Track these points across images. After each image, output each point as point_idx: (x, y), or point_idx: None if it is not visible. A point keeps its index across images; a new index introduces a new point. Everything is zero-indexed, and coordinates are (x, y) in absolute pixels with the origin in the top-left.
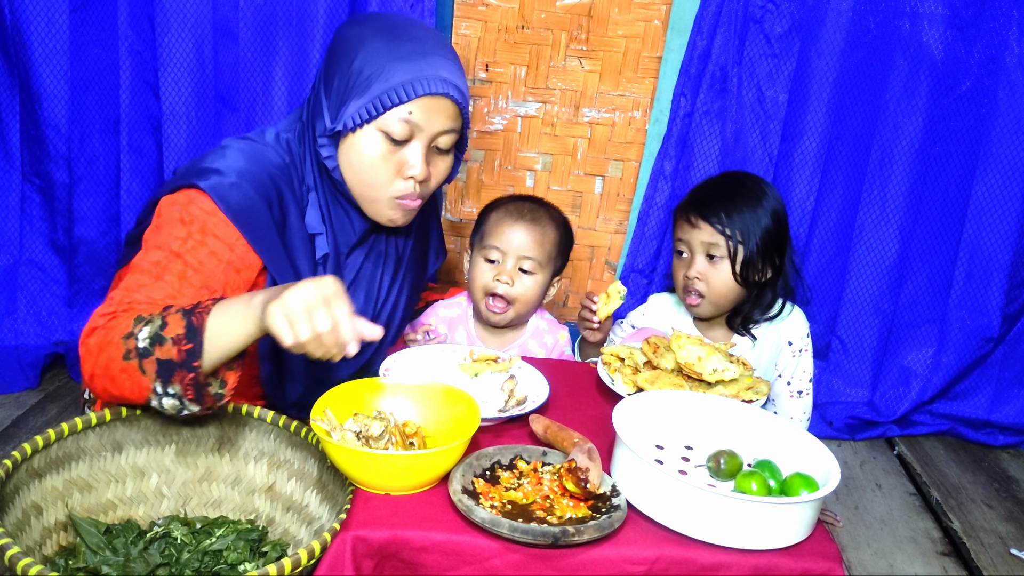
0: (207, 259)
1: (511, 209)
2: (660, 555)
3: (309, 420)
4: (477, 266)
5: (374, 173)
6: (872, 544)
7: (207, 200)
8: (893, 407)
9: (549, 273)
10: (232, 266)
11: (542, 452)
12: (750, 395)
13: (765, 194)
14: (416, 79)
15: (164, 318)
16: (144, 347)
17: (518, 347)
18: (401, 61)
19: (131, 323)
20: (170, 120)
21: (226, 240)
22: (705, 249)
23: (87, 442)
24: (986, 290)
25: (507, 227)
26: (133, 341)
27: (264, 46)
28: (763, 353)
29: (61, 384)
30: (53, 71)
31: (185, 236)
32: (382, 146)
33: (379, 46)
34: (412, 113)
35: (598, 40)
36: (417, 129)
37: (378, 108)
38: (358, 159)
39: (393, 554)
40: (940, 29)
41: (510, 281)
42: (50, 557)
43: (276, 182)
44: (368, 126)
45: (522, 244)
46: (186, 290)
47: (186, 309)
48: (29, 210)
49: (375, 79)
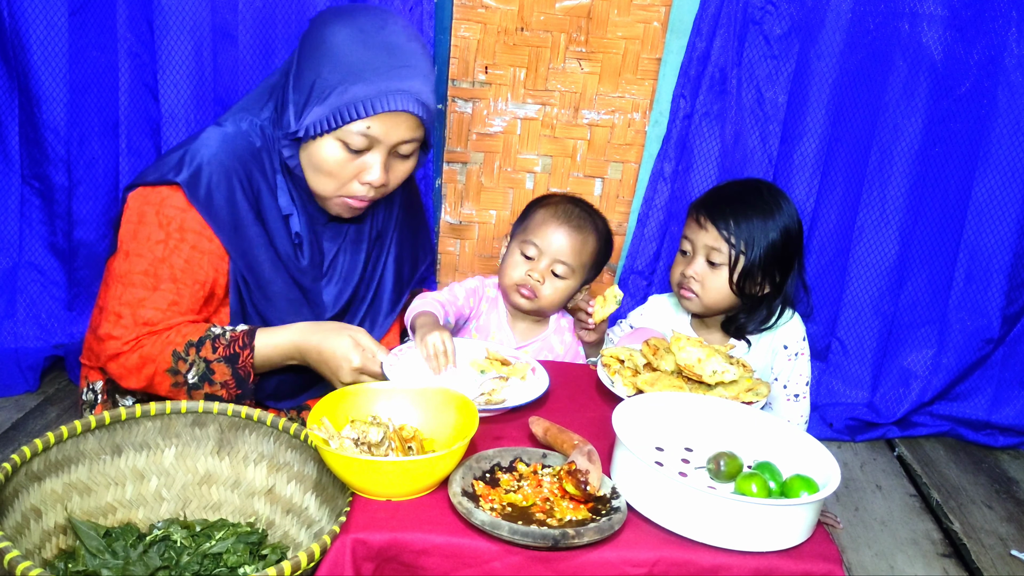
0: (191, 256)
1: (560, 211)
2: (660, 557)
3: (288, 414)
4: (512, 256)
5: (332, 177)
6: (872, 545)
7: (180, 196)
8: (893, 408)
9: (580, 280)
10: (214, 255)
11: (542, 454)
12: (750, 397)
13: (780, 209)
14: (376, 95)
15: (209, 364)
16: (194, 383)
17: (541, 341)
18: (365, 73)
19: (170, 359)
20: (169, 123)
21: (204, 233)
22: (707, 252)
23: (86, 445)
24: (986, 291)
25: (551, 227)
26: (182, 379)
27: (263, 49)
28: (758, 357)
29: (60, 387)
30: (52, 74)
31: (165, 238)
32: (341, 154)
33: (347, 54)
34: (371, 128)
35: (597, 42)
36: (376, 141)
37: (336, 121)
38: (318, 162)
39: (393, 557)
40: (939, 30)
41: (541, 279)
42: (49, 560)
43: (247, 166)
44: (327, 136)
45: (561, 247)
46: (184, 291)
47: (226, 356)
48: (28, 213)
49: (335, 91)
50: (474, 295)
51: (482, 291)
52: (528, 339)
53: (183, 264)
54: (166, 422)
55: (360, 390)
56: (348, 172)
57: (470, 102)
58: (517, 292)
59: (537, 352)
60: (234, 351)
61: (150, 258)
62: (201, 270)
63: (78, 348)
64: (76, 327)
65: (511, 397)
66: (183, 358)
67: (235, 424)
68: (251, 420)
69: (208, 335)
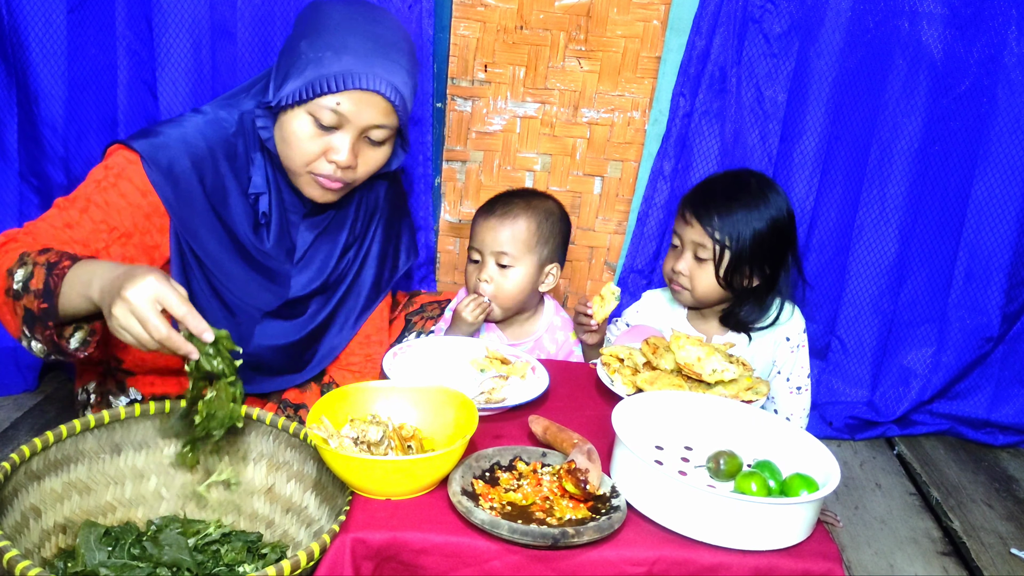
0: (116, 200)
1: (484, 208)
2: (660, 556)
3: None
4: (468, 267)
5: (300, 150)
6: (872, 544)
7: (133, 154)
8: (893, 407)
9: (534, 262)
10: (142, 211)
11: (541, 453)
12: (749, 395)
13: (767, 200)
14: (349, 72)
15: (34, 267)
16: (17, 290)
17: (533, 341)
18: (342, 52)
19: (16, 258)
20: None
21: (141, 188)
22: (693, 248)
23: (86, 444)
24: (986, 289)
25: (480, 227)
26: (11, 280)
27: (262, 46)
28: (761, 350)
29: (59, 386)
30: (50, 71)
31: (101, 179)
32: (310, 128)
33: (329, 33)
34: (340, 104)
35: (597, 40)
36: (345, 120)
37: (308, 93)
38: (287, 134)
39: (392, 556)
40: (939, 28)
41: (490, 280)
42: (49, 559)
43: (214, 153)
44: (299, 107)
45: (494, 240)
46: (85, 223)
47: (52, 262)
48: (27, 211)
49: (312, 64)
50: None
51: None
52: (520, 339)
53: (102, 202)
54: (165, 421)
55: (360, 389)
56: (316, 148)
57: (469, 100)
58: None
59: (529, 352)
60: (57, 260)
61: (79, 192)
62: (118, 215)
63: None
64: None
65: (511, 396)
66: (24, 262)
67: None
68: (250, 419)
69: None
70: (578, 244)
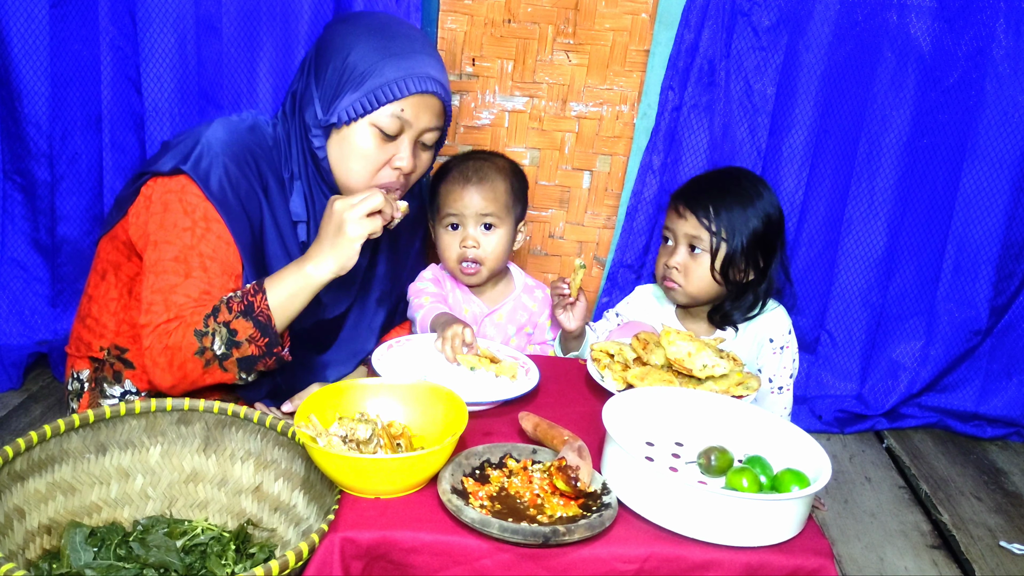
0: (217, 245)
1: (456, 175)
2: (651, 553)
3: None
4: (442, 238)
5: (363, 164)
6: (862, 537)
7: (195, 187)
8: (882, 400)
9: (512, 222)
10: (234, 245)
11: (532, 450)
12: (740, 391)
13: (760, 195)
14: (408, 76)
15: (228, 325)
16: (222, 353)
17: (512, 301)
18: (393, 58)
19: (194, 339)
20: (153, 117)
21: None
22: (688, 240)
23: (70, 444)
24: (974, 282)
25: (458, 193)
26: (210, 353)
27: (248, 42)
28: (743, 349)
29: (44, 384)
30: (33, 67)
31: (191, 226)
32: (373, 140)
33: (372, 43)
34: (404, 110)
35: (585, 34)
36: (407, 125)
37: (372, 103)
38: (349, 150)
39: (382, 555)
40: (927, 21)
41: (476, 243)
42: (33, 561)
43: (257, 159)
44: (361, 120)
45: (477, 205)
46: (214, 280)
47: (242, 310)
48: (11, 209)
49: (369, 75)
50: (437, 283)
51: (441, 275)
52: (498, 303)
53: (211, 252)
54: (151, 420)
55: (348, 387)
56: (380, 158)
57: (457, 95)
58: (460, 270)
59: (511, 313)
60: (247, 301)
61: (180, 245)
62: (227, 260)
63: (62, 344)
64: (60, 324)
65: (501, 392)
66: (205, 333)
67: (221, 421)
68: (237, 417)
69: (220, 302)
70: (567, 239)
